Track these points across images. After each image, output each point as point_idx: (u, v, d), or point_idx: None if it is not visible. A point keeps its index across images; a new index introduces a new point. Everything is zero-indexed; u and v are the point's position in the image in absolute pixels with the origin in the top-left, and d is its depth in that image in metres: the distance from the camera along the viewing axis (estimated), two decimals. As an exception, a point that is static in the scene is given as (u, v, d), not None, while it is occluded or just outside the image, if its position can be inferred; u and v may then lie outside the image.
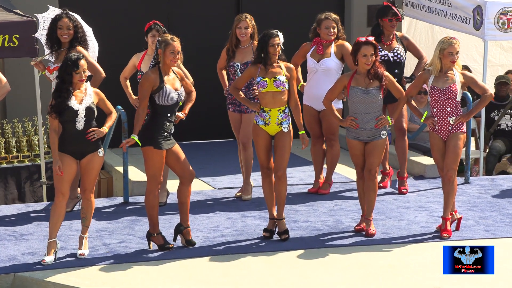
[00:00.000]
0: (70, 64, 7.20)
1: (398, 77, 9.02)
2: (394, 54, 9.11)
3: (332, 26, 8.87)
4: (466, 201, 8.96)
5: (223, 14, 11.45)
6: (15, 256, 7.48)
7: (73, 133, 7.25)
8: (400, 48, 9.17)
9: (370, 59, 7.71)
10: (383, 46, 9.13)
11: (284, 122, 7.73)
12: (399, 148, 9.30)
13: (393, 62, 9.10)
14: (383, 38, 9.16)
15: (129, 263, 7.34)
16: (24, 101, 10.52)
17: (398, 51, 9.14)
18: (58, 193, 7.29)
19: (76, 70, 7.19)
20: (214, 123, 11.65)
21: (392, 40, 9.16)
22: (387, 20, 9.12)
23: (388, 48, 9.14)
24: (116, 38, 11.20)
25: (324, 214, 8.58)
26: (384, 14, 9.15)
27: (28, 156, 10.18)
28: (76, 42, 8.34)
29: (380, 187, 9.36)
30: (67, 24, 8.31)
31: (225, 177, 9.95)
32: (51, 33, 8.37)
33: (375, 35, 9.11)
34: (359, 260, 7.42)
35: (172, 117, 7.50)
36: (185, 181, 7.55)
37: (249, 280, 7.05)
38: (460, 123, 7.82)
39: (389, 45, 9.14)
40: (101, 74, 8.37)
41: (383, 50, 9.11)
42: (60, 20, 8.34)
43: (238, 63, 8.84)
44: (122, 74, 8.90)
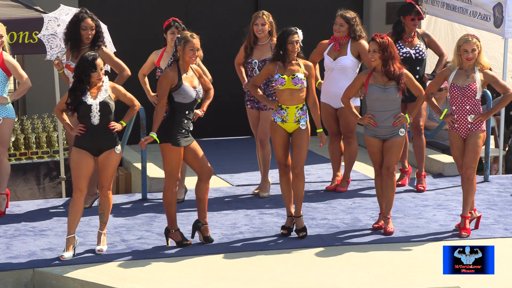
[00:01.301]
0: (87, 65, 7.21)
1: (420, 74, 8.99)
2: (416, 51, 9.08)
3: (339, 23, 8.83)
4: (486, 200, 8.92)
5: (241, 11, 11.44)
6: (35, 251, 7.53)
7: (89, 128, 7.28)
8: (422, 45, 9.13)
9: (374, 55, 7.69)
10: (405, 43, 9.11)
11: (302, 120, 7.73)
12: (416, 147, 9.26)
13: (415, 59, 9.07)
14: (405, 35, 9.13)
15: (147, 259, 7.36)
16: (43, 97, 10.57)
17: (420, 48, 9.10)
18: (76, 189, 7.32)
19: (94, 70, 7.21)
20: (232, 120, 11.65)
21: (413, 37, 9.13)
22: (410, 19, 9.09)
23: (409, 45, 9.11)
24: (134, 35, 11.23)
25: (342, 212, 8.57)
26: (406, 12, 9.12)
27: (47, 152, 10.23)
28: (98, 41, 8.36)
29: (398, 185, 9.34)
30: (91, 25, 8.33)
31: (243, 174, 9.96)
32: (74, 33, 8.36)
33: (397, 32, 9.10)
34: (377, 258, 7.41)
35: (190, 115, 7.51)
36: (203, 177, 7.56)
37: (266, 277, 7.05)
38: (479, 122, 7.78)
39: (411, 42, 9.11)
40: (127, 72, 8.42)
41: (404, 47, 9.08)
42: (83, 20, 8.33)
43: (256, 60, 8.84)
44: (141, 71, 8.92)
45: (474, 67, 7.75)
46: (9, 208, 8.66)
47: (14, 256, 7.42)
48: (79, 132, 7.27)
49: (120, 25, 11.40)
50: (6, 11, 9.42)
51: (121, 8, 11.40)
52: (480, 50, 7.71)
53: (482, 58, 7.74)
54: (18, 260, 7.34)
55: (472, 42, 7.67)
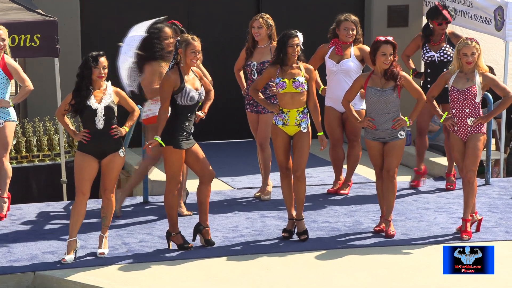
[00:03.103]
0: (90, 59, 7.23)
1: None
2: (440, 54, 9.10)
3: (351, 28, 8.85)
4: (487, 203, 8.91)
5: (243, 13, 11.44)
6: (36, 254, 7.53)
7: (93, 132, 7.28)
8: (448, 47, 9.14)
9: (390, 58, 7.69)
10: (432, 47, 9.14)
11: (303, 123, 7.73)
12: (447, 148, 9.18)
13: (439, 62, 9.09)
14: (432, 38, 9.16)
15: (148, 263, 7.36)
16: (45, 100, 10.57)
17: (445, 51, 9.13)
18: (79, 192, 7.32)
19: (95, 65, 7.21)
20: (233, 122, 11.65)
21: (440, 40, 9.15)
22: (437, 24, 9.12)
23: (435, 49, 9.13)
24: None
25: (343, 215, 8.56)
26: (434, 16, 9.15)
27: (48, 155, 10.23)
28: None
29: (412, 186, 9.37)
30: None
31: (244, 177, 9.96)
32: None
33: (425, 35, 9.14)
34: (379, 261, 7.40)
35: (192, 117, 7.52)
36: (204, 180, 7.56)
37: (268, 280, 7.05)
38: (480, 124, 7.78)
39: (438, 45, 9.14)
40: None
41: (430, 51, 9.12)
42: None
43: (255, 62, 8.85)
44: None
45: (474, 71, 7.75)
46: (10, 211, 8.66)
47: (15, 259, 7.42)
48: (84, 139, 7.27)
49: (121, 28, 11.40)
50: (8, 14, 9.43)
51: (122, 12, 11.40)
52: (479, 54, 7.71)
53: (481, 61, 7.75)
54: (19, 263, 7.34)
55: (472, 45, 7.68)
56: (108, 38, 11.25)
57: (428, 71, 9.21)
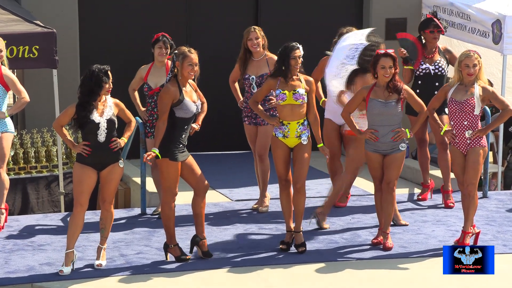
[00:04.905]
0: (102, 75, 7.20)
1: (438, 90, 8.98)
2: (435, 67, 9.11)
3: None
4: (484, 216, 8.91)
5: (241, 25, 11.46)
6: (33, 266, 7.51)
7: (94, 145, 7.27)
8: (442, 61, 9.17)
9: (389, 71, 7.71)
10: (425, 60, 9.15)
11: (303, 135, 7.74)
12: (443, 162, 9.18)
13: (434, 75, 9.10)
14: (425, 51, 9.17)
15: (146, 274, 7.34)
16: (43, 111, 10.57)
17: (440, 64, 9.14)
18: (77, 204, 7.31)
19: (107, 81, 7.19)
20: (231, 134, 11.66)
21: (434, 53, 9.16)
22: (429, 32, 9.13)
23: (429, 61, 9.16)
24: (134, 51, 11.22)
25: (341, 227, 8.56)
26: (426, 26, 9.18)
27: (46, 166, 10.22)
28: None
29: (419, 199, 9.36)
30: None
31: (242, 189, 9.95)
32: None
33: None
34: (376, 273, 7.39)
35: (188, 129, 7.53)
36: (200, 192, 7.57)
37: (266, 293, 7.04)
38: (479, 137, 7.79)
39: (431, 58, 9.15)
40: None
41: (424, 63, 9.13)
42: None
43: (253, 76, 8.85)
44: (130, 87, 8.90)
45: (474, 83, 7.77)
46: (7, 222, 8.64)
47: (13, 271, 7.40)
48: (84, 153, 7.25)
49: (119, 40, 11.42)
50: (7, 26, 9.44)
51: (121, 24, 11.41)
52: (481, 66, 7.73)
53: (482, 74, 7.76)
54: (16, 275, 7.32)
55: (474, 57, 7.70)
56: (107, 50, 11.29)
57: (419, 83, 9.21)
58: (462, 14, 10.85)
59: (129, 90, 8.91)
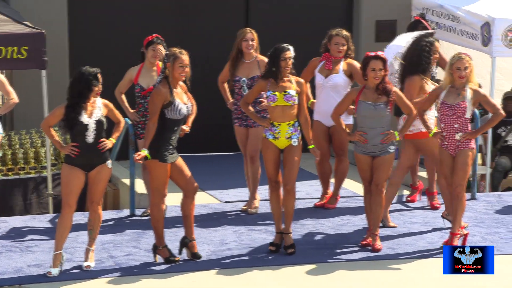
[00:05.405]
0: (91, 78, 7.18)
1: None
2: None
3: (341, 43, 8.86)
4: (473, 217, 8.94)
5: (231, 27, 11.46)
6: (21, 268, 7.48)
7: (83, 146, 7.25)
8: None
9: (379, 73, 7.72)
10: None
11: (294, 136, 7.74)
12: (428, 164, 9.17)
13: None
14: None
15: (135, 276, 7.33)
16: (31, 112, 10.53)
17: None
18: (65, 205, 7.29)
19: (97, 84, 7.18)
20: (221, 136, 11.65)
21: None
22: None
23: None
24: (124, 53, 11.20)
25: (330, 229, 8.56)
26: (414, 28, 9.19)
27: (34, 167, 10.19)
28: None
29: (408, 201, 9.38)
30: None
31: (232, 191, 9.95)
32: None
33: None
34: (365, 275, 7.40)
35: (178, 131, 7.52)
36: (189, 194, 7.56)
37: (255, 294, 7.04)
38: (469, 139, 7.80)
39: None
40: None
41: None
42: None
43: (244, 78, 8.85)
44: (117, 89, 8.84)
45: (465, 86, 7.78)
46: (-4, 223, 8.62)
47: (0, 273, 7.37)
48: (72, 154, 7.23)
49: (109, 41, 11.40)
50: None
51: (110, 25, 11.39)
52: (472, 69, 7.75)
53: (473, 76, 7.78)
54: (4, 276, 7.29)
55: (465, 60, 7.71)
56: (96, 51, 11.27)
57: None
58: (451, 16, 10.88)
59: (115, 93, 8.84)
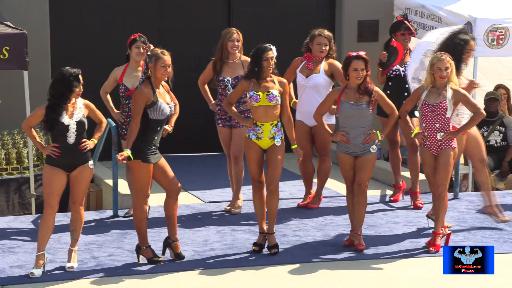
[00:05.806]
0: (72, 79, 7.15)
1: (408, 92, 9.02)
2: (405, 68, 9.13)
3: (324, 44, 8.88)
4: (455, 217, 8.98)
5: (213, 27, 11.47)
6: (3, 269, 7.45)
7: (64, 147, 7.23)
8: None
9: (361, 73, 7.74)
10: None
11: (277, 136, 7.74)
12: (412, 164, 9.23)
13: (404, 76, 9.12)
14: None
15: (118, 276, 7.31)
16: (13, 113, 10.48)
17: None
18: (47, 206, 7.27)
19: (78, 85, 7.16)
20: (204, 136, 11.64)
21: (405, 55, 9.19)
22: (400, 34, 9.18)
23: (400, 63, 9.18)
24: (106, 53, 11.18)
25: (313, 229, 8.58)
26: (397, 29, 9.23)
27: (17, 168, 10.15)
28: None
29: (391, 201, 9.41)
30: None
31: (215, 191, 9.95)
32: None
33: (389, 51, 9.17)
34: (348, 274, 7.42)
35: (160, 131, 7.51)
36: (172, 194, 7.55)
37: (238, 294, 7.04)
38: (450, 139, 7.84)
39: (402, 60, 9.19)
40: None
41: (395, 65, 9.16)
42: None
43: (228, 78, 8.85)
44: (103, 89, 8.83)
45: (446, 86, 7.82)
46: (-23, 225, 8.57)
47: (-17, 274, 7.34)
48: (53, 154, 7.20)
49: (91, 42, 11.37)
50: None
51: (92, 25, 11.36)
52: (452, 69, 7.79)
53: (454, 76, 7.83)
54: (-14, 278, 7.26)
55: (446, 60, 7.75)
56: (78, 51, 11.23)
57: (390, 84, 9.25)
58: (433, 16, 10.93)
59: (101, 93, 8.84)
